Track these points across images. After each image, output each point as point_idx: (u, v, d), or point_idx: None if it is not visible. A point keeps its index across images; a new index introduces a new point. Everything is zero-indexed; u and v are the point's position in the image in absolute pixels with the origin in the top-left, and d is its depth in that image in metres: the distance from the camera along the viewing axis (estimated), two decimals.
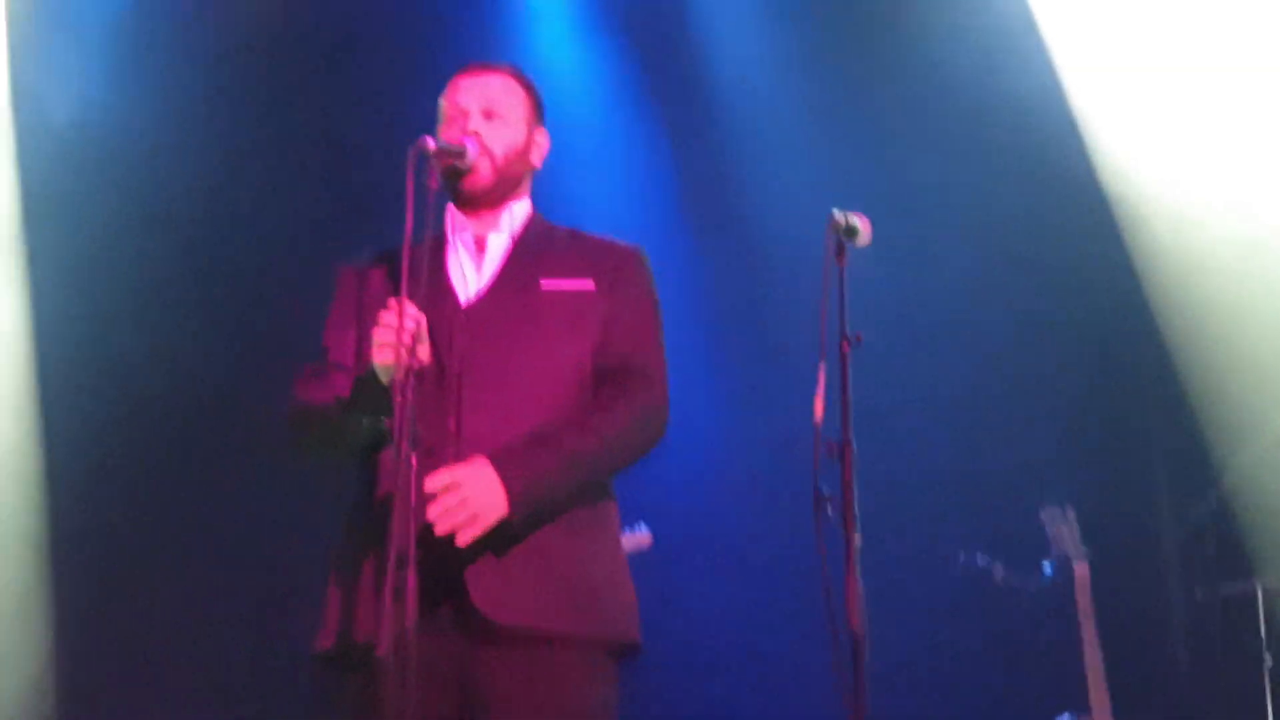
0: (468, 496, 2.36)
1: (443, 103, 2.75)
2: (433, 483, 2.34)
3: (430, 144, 2.48)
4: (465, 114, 2.68)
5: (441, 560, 2.35)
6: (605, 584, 2.53)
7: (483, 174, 2.65)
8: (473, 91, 2.70)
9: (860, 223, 2.65)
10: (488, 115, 2.68)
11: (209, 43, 5.10)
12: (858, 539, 2.48)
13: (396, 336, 2.33)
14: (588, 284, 2.63)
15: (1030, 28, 5.13)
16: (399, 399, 2.28)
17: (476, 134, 2.65)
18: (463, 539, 2.36)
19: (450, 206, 2.72)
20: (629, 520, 3.97)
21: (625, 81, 5.41)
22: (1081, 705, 4.40)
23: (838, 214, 2.64)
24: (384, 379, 2.41)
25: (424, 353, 2.40)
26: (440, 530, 2.33)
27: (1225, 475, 4.77)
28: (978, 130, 5.09)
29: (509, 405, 2.51)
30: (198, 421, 4.92)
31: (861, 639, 2.44)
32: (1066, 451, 5.09)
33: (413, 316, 2.35)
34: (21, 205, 4.85)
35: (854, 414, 2.55)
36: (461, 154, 2.60)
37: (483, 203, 2.69)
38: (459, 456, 2.44)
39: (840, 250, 2.63)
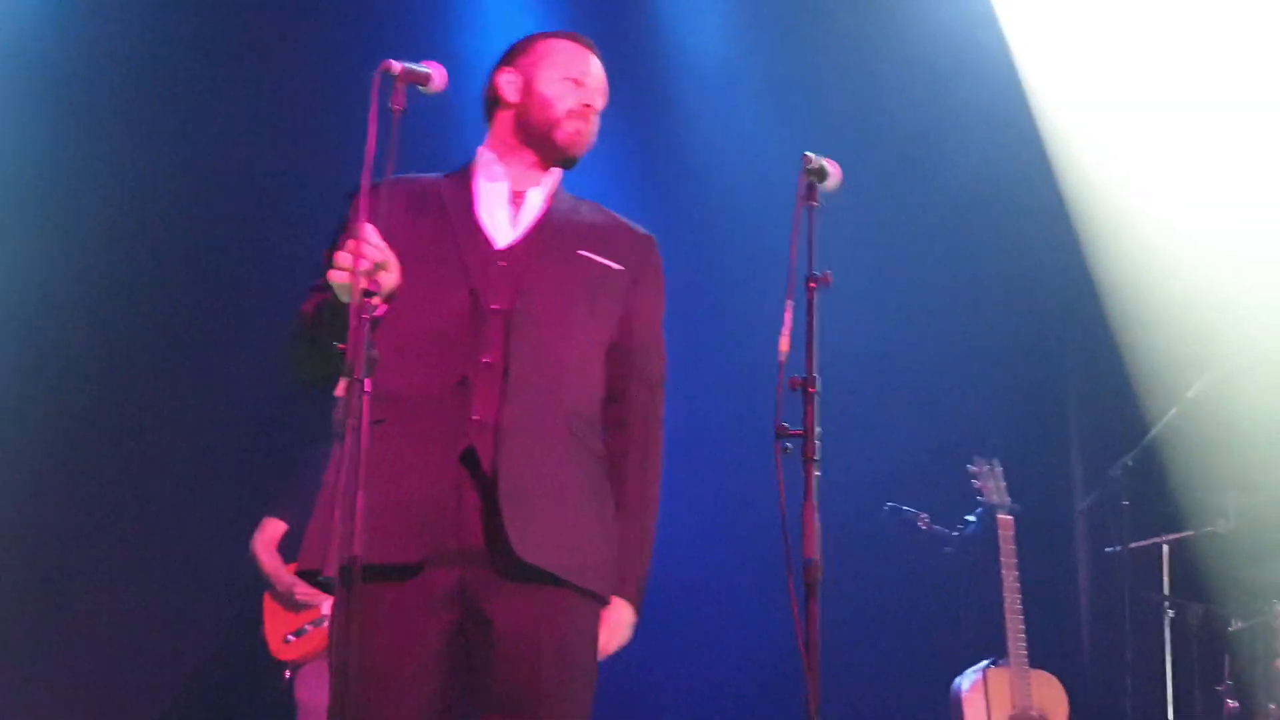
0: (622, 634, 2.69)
1: (558, 58, 2.78)
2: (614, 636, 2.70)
3: (395, 67, 2.46)
4: (596, 93, 2.79)
5: (485, 495, 2.50)
6: (608, 546, 2.68)
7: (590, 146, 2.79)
8: (598, 76, 2.81)
9: (831, 167, 2.72)
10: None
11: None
12: (817, 473, 2.57)
13: (353, 261, 2.34)
14: (618, 265, 2.73)
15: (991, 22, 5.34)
16: (354, 322, 2.29)
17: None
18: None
19: (482, 150, 2.78)
20: None
21: None
22: (1000, 651, 4.56)
23: (811, 156, 2.71)
24: (344, 299, 2.41)
25: (387, 280, 2.40)
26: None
27: (1144, 437, 4.93)
28: (934, 112, 5.28)
29: (552, 349, 2.62)
30: (138, 420, 4.90)
31: (817, 567, 2.52)
32: (996, 409, 5.25)
33: (375, 245, 2.37)
34: None
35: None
36: (427, 78, 2.54)
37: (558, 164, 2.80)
38: (503, 393, 2.54)
39: (811, 191, 2.70)
